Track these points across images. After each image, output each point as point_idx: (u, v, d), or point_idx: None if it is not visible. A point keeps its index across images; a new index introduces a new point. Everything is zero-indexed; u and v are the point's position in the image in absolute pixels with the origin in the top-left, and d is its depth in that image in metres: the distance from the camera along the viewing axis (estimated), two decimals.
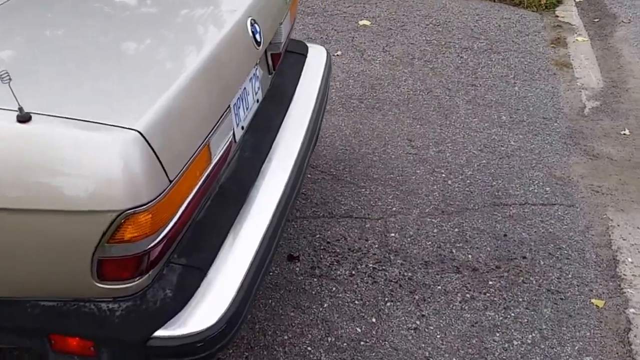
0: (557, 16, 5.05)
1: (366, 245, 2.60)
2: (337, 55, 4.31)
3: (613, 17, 5.04)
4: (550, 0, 5.25)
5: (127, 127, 1.28)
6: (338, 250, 2.57)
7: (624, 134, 3.50)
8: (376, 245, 2.60)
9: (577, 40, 4.63)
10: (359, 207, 2.85)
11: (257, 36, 1.88)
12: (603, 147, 3.39)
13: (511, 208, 2.87)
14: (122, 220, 1.28)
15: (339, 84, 3.96)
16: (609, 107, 3.79)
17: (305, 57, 2.57)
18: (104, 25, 1.73)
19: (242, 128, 1.93)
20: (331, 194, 2.93)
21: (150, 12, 1.85)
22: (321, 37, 4.58)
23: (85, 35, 1.67)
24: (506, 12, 5.06)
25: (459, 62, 4.26)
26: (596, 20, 5.02)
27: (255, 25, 1.89)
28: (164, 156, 1.33)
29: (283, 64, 2.42)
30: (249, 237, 1.67)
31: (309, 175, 3.07)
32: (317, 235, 2.64)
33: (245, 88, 1.94)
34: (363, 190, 2.98)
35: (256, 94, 2.06)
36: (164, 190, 1.33)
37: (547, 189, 3.03)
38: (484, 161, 3.23)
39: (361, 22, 4.83)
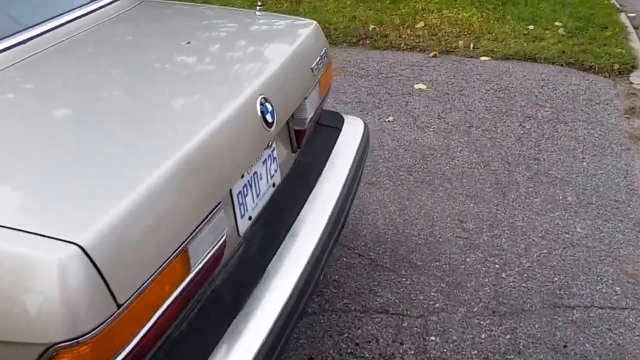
0: (632, 83, 4.64)
1: (400, 351, 2.26)
2: (389, 121, 4.06)
3: None
4: (624, 65, 4.84)
5: (66, 239, 1.04)
6: (367, 355, 2.24)
7: None
8: (412, 351, 2.26)
9: None
10: (397, 300, 2.53)
11: (269, 116, 1.64)
12: None
13: (574, 311, 2.48)
14: (54, 353, 1.02)
15: (387, 153, 3.68)
16: None
17: (340, 130, 2.32)
18: (63, 102, 1.52)
19: (250, 219, 1.67)
20: (367, 283, 2.62)
21: (123, 90, 1.63)
22: (373, 101, 4.34)
23: (38, 114, 1.45)
24: (575, 77, 4.69)
25: (521, 132, 3.92)
26: None
27: (267, 104, 1.65)
28: (113, 276, 1.08)
29: (313, 140, 2.18)
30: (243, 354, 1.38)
31: (344, 259, 2.77)
32: (346, 334, 2.33)
33: (256, 172, 1.69)
34: (404, 280, 2.65)
35: (272, 177, 1.81)
36: (110, 317, 1.07)
37: (617, 288, 2.62)
38: (545, 251, 2.85)
39: (417, 86, 4.57)
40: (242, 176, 1.64)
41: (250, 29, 2.22)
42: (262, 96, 1.65)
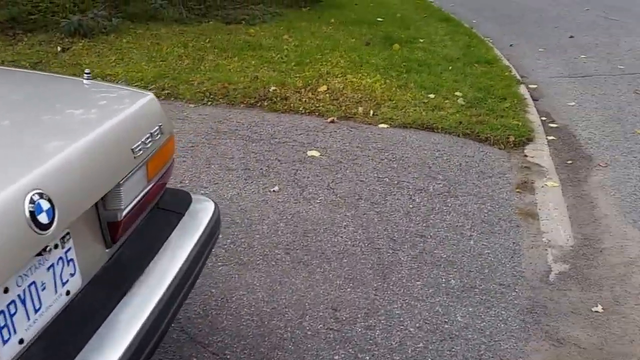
0: (526, 156, 4.60)
1: None
2: (274, 191, 3.80)
3: (589, 159, 4.60)
4: (520, 137, 4.81)
5: None
6: None
7: (596, 311, 2.91)
8: None
9: (546, 185, 4.15)
10: None
11: (43, 216, 1.32)
12: (570, 328, 2.79)
13: None
14: None
15: (266, 228, 3.40)
16: (580, 272, 3.23)
17: (182, 215, 2.01)
18: None
19: (22, 342, 1.32)
20: None
21: None
22: (261, 169, 4.09)
23: None
24: (470, 148, 4.61)
25: (410, 206, 3.74)
26: (569, 162, 4.56)
27: (42, 201, 1.33)
28: None
29: (142, 229, 1.86)
30: None
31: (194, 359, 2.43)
32: None
33: (34, 283, 1.35)
34: None
35: (65, 283, 1.48)
36: None
37: None
38: (421, 344, 2.61)
39: (310, 153, 4.36)
40: (5, 290, 1.31)
41: (62, 100, 1.91)
42: (35, 191, 1.34)
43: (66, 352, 1.42)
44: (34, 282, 1.38)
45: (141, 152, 1.74)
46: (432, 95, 5.58)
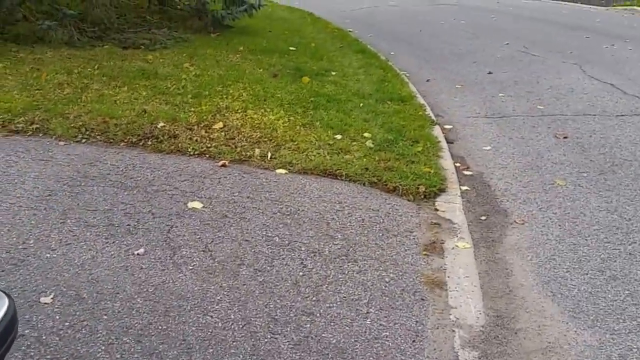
0: (437, 209, 4.14)
1: None
2: (138, 254, 3.16)
3: (504, 215, 4.19)
4: (431, 187, 4.36)
5: None
6: None
7: None
8: None
9: (457, 246, 3.69)
10: None
11: None
12: None
13: None
14: None
15: (118, 306, 2.75)
16: None
17: None
18: None
19: None
20: None
21: None
22: (129, 224, 3.43)
23: None
24: (375, 200, 4.12)
25: (300, 274, 3.17)
26: (483, 218, 4.14)
27: None
28: None
29: None
30: None
31: None
32: None
33: None
34: None
35: None
36: None
37: None
38: None
39: (191, 204, 3.75)
40: None
41: None
42: None
43: None
44: None
45: None
46: (338, 136, 5.09)
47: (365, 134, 5.21)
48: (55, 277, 2.92)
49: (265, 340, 2.68)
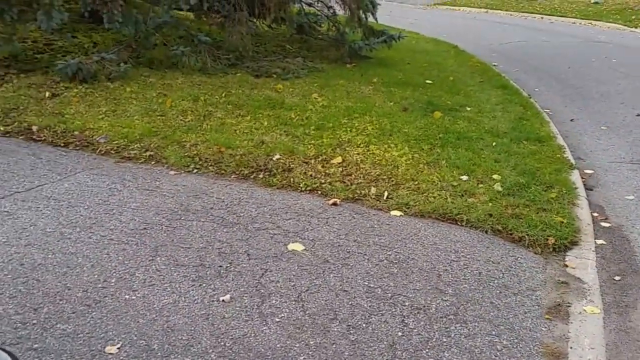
0: (567, 265, 3.63)
1: None
2: (223, 301, 3.01)
3: None
4: (562, 240, 3.84)
5: None
6: None
7: None
8: None
9: (584, 310, 3.18)
10: None
11: None
12: None
13: None
14: None
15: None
16: None
17: None
18: None
19: None
20: None
21: None
22: (220, 266, 3.33)
23: None
24: (497, 251, 3.68)
25: (400, 334, 2.85)
26: (618, 278, 3.57)
27: None
28: None
29: None
30: None
31: None
32: None
33: None
34: None
35: None
36: None
37: None
38: None
39: (291, 246, 3.56)
40: None
41: None
42: None
43: None
44: None
45: None
46: (464, 177, 4.69)
47: (495, 176, 4.76)
48: (128, 323, 2.81)
49: None
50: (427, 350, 2.78)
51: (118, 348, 2.64)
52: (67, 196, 4.07)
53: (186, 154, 4.83)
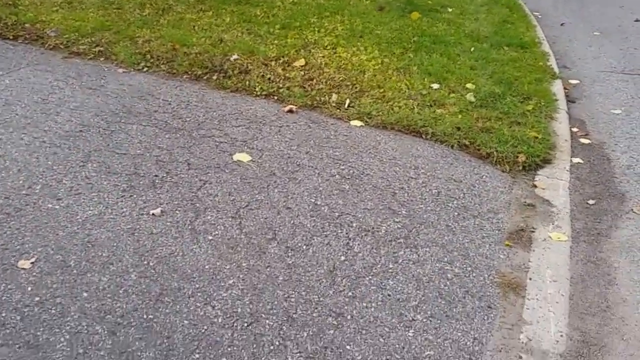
0: (536, 186, 3.35)
1: None
2: (153, 214, 2.71)
3: (620, 200, 3.33)
4: (534, 157, 3.54)
5: None
6: None
7: None
8: None
9: (550, 237, 2.93)
10: None
11: None
12: None
13: None
14: None
15: (105, 281, 2.34)
16: None
17: None
18: None
19: None
20: None
21: None
22: (155, 176, 3.02)
23: None
24: (461, 168, 3.39)
25: (342, 258, 2.60)
26: (592, 202, 3.30)
27: None
28: None
29: None
30: None
31: None
32: None
33: None
34: None
35: None
36: None
37: None
38: None
39: (237, 156, 3.24)
40: None
41: None
42: None
43: None
44: None
45: None
46: (435, 86, 4.33)
47: (468, 85, 4.40)
48: (47, 235, 2.54)
49: (271, 348, 2.15)
50: (369, 277, 2.53)
51: (32, 263, 2.39)
52: (6, 93, 3.70)
53: (137, 51, 4.40)
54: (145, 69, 4.22)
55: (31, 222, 2.61)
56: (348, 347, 2.19)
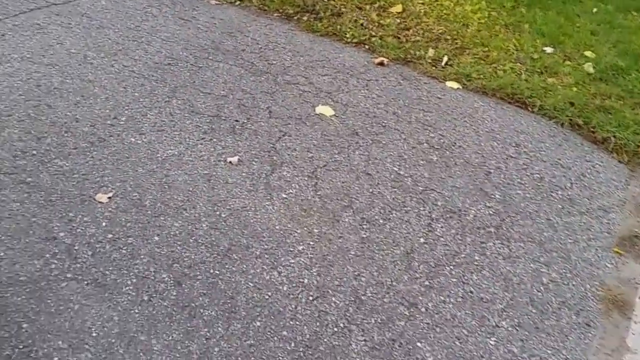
0: None
1: None
2: (230, 162, 2.53)
3: None
4: None
5: None
6: None
7: None
8: None
9: None
10: None
11: None
12: None
13: None
14: None
15: (177, 226, 2.16)
16: None
17: None
18: None
19: None
20: None
21: None
22: (236, 122, 2.82)
23: None
24: (571, 152, 2.97)
25: (422, 240, 2.29)
26: None
27: None
28: None
29: None
30: None
31: None
32: None
33: None
34: None
35: None
36: None
37: None
38: None
39: (319, 109, 2.94)
40: None
41: None
42: None
43: None
44: None
45: None
46: (548, 49, 3.83)
47: (587, 53, 3.87)
48: (126, 171, 2.44)
49: (335, 329, 1.89)
50: (451, 267, 2.21)
51: (109, 197, 2.30)
52: (101, 15, 3.57)
53: None
54: (238, 2, 3.94)
55: (113, 154, 2.52)
56: (419, 344, 1.91)
